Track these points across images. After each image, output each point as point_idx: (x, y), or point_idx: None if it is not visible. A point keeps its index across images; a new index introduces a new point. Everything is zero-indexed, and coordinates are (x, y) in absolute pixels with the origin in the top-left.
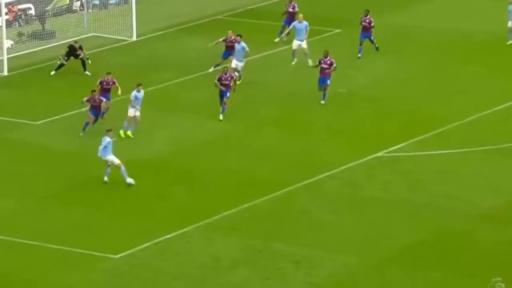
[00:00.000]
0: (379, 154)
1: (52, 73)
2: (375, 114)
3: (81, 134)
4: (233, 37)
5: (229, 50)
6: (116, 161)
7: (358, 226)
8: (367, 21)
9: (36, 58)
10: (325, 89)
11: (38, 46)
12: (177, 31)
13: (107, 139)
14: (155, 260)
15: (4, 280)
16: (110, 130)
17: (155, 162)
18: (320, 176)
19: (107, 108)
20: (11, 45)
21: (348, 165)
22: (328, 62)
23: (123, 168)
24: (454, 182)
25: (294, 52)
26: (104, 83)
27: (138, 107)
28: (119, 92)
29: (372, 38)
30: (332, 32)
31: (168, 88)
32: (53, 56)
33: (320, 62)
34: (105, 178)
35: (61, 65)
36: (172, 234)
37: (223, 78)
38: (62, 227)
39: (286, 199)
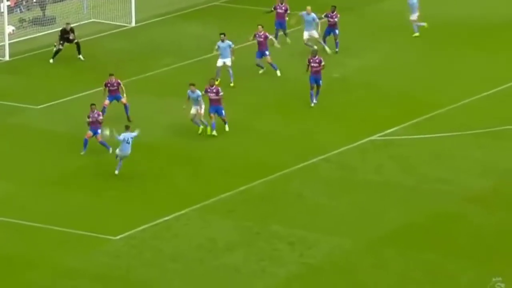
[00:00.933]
0: (373, 137)
1: (51, 61)
2: (369, 99)
3: (82, 153)
4: (262, 32)
5: (262, 47)
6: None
7: (352, 208)
8: (334, 17)
9: (37, 43)
10: (318, 89)
11: (39, 32)
12: (175, 17)
13: (132, 134)
14: (153, 241)
15: (7, 260)
16: (129, 126)
17: (154, 146)
18: (315, 160)
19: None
20: (13, 30)
21: (342, 149)
22: (317, 61)
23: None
24: (446, 165)
25: (307, 42)
26: (109, 85)
27: (196, 107)
28: (125, 100)
29: (337, 34)
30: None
31: (167, 73)
32: (54, 42)
33: (309, 62)
34: (117, 172)
35: (58, 51)
36: (170, 216)
37: (208, 90)
38: (63, 209)
39: (281, 182)
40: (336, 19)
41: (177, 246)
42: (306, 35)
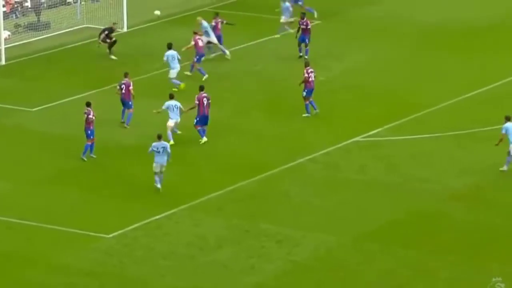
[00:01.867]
0: (357, 138)
1: (113, 57)
2: (353, 101)
3: (84, 157)
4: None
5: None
6: (164, 168)
7: (337, 207)
8: (304, 23)
9: (32, 48)
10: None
11: (34, 37)
12: (165, 23)
13: (164, 143)
14: (145, 239)
15: (2, 258)
16: (161, 136)
17: (146, 145)
18: (302, 160)
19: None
20: (8, 35)
21: (328, 149)
22: (310, 71)
23: (162, 175)
24: (428, 165)
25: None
26: (122, 86)
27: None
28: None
29: (307, 42)
30: (312, 24)
31: (158, 77)
32: (49, 46)
33: (308, 73)
34: (159, 185)
35: (113, 43)
36: (161, 215)
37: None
38: (57, 208)
39: (269, 182)
40: (307, 26)
41: (168, 244)
42: (205, 40)
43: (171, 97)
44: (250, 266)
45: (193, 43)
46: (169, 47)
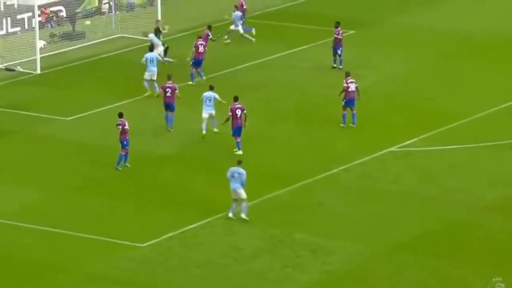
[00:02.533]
0: (392, 149)
1: (170, 59)
2: (388, 111)
3: (118, 167)
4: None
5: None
6: (244, 195)
7: (371, 217)
8: (338, 33)
9: (67, 57)
10: (352, 110)
11: (69, 46)
12: (199, 32)
13: (240, 170)
14: (179, 248)
15: (38, 265)
16: (241, 161)
17: (179, 154)
18: (336, 170)
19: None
20: (44, 45)
21: (363, 159)
22: (349, 81)
23: (247, 203)
24: (462, 175)
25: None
26: (167, 89)
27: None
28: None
29: (340, 52)
30: (346, 34)
31: (190, 87)
32: (83, 56)
33: (347, 83)
34: (230, 214)
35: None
36: (196, 224)
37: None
38: (91, 217)
39: (303, 191)
40: (340, 36)
41: (203, 253)
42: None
43: (211, 88)
44: (285, 276)
45: (193, 48)
46: (151, 49)
